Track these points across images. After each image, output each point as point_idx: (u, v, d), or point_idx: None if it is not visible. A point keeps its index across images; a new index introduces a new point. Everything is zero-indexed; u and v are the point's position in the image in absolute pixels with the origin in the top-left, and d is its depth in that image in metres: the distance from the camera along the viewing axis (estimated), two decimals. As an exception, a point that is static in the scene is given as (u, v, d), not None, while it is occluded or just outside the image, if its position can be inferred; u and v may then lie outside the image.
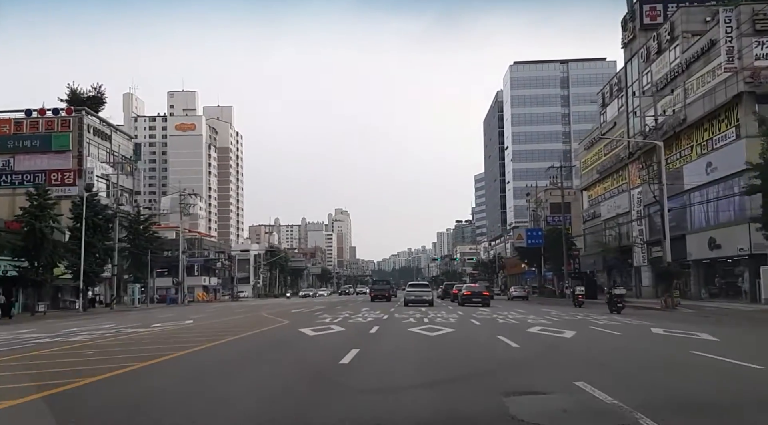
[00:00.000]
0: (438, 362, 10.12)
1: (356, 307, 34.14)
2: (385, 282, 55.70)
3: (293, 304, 43.27)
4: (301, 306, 39.30)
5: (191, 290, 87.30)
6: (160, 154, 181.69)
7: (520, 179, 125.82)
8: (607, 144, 55.61)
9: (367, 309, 31.57)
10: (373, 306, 37.21)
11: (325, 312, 28.32)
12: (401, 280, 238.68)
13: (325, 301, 51.96)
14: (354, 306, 37.18)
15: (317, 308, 34.46)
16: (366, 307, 33.29)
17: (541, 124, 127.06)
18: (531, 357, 11.12)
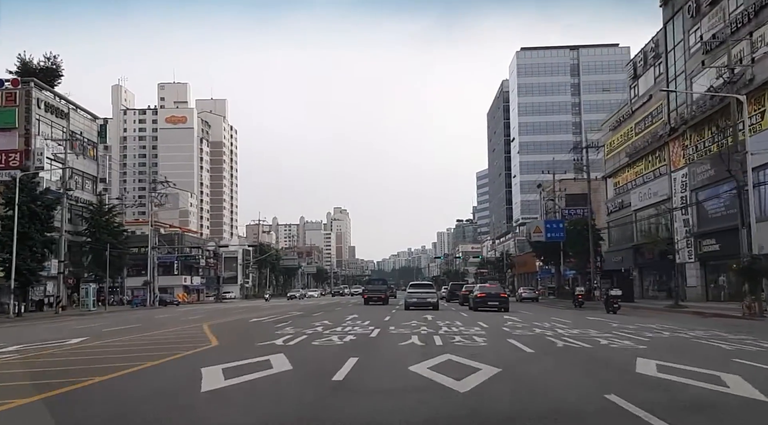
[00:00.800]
0: None
1: (341, 314, 26.51)
2: (382, 282, 47.78)
3: (267, 309, 35.56)
4: (275, 311, 31.57)
5: (169, 291, 79.80)
6: (150, 148, 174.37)
7: (528, 173, 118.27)
8: (639, 121, 47.97)
9: (355, 316, 24.00)
10: (364, 311, 29.65)
11: (294, 322, 20.64)
12: (401, 281, 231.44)
13: (311, 304, 44.01)
14: (340, 312, 29.53)
15: (291, 315, 26.82)
16: (354, 314, 25.66)
17: (550, 114, 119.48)
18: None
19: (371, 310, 31.38)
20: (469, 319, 22.34)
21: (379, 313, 27.38)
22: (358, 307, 36.03)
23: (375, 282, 48.32)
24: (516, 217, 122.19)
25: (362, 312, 28.04)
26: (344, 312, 27.57)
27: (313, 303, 46.88)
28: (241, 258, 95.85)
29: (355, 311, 29.53)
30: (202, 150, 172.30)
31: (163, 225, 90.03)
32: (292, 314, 27.56)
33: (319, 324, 19.15)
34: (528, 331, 16.42)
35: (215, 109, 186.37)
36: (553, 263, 56.39)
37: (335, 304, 42.53)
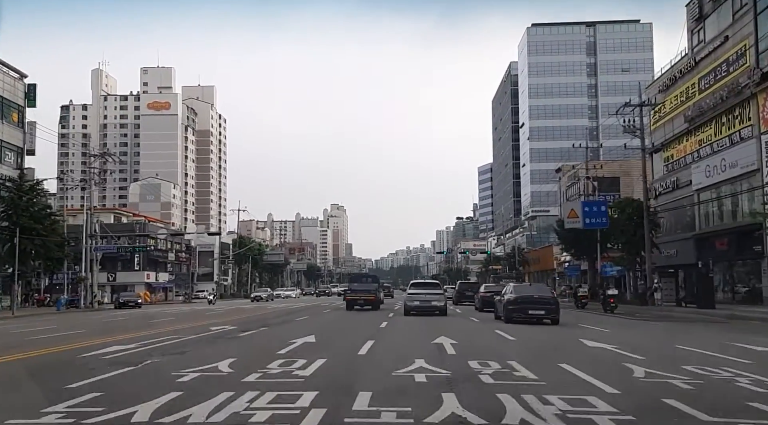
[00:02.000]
0: None
1: (290, 333, 15.12)
2: (370, 279, 35.47)
3: (191, 320, 24.53)
4: (188, 325, 20.34)
5: (130, 289, 68.82)
6: (132, 136, 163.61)
7: (539, 161, 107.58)
8: (707, 73, 37.06)
9: (309, 342, 12.66)
10: (333, 326, 18.65)
11: (155, 366, 9.56)
12: (399, 279, 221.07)
13: (271, 310, 32.05)
14: (293, 327, 18.20)
15: (189, 338, 15.14)
16: (309, 336, 14.21)
17: (564, 97, 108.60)
18: None
19: (349, 323, 20.72)
20: (528, 347, 11.49)
21: (358, 331, 16.62)
22: (331, 316, 25.30)
23: (362, 279, 35.99)
24: (525, 210, 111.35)
25: (329, 330, 17.12)
26: (297, 330, 16.41)
27: (277, 308, 35.02)
28: (218, 253, 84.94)
29: (318, 327, 18.46)
30: (187, 138, 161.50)
31: (125, 214, 79.01)
32: (206, 332, 16.36)
33: (203, 371, 8.26)
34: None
35: (203, 96, 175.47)
36: (585, 257, 45.56)
37: (303, 310, 31.22)
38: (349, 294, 32.98)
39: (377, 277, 38.67)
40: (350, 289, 33.57)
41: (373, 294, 31.91)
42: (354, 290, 32.78)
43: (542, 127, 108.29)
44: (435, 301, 26.00)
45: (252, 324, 19.37)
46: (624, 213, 37.20)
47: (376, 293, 32.52)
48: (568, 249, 46.21)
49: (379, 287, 35.73)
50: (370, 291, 32.19)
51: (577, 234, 43.64)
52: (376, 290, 32.96)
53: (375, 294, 32.15)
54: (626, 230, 36.78)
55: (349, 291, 33.37)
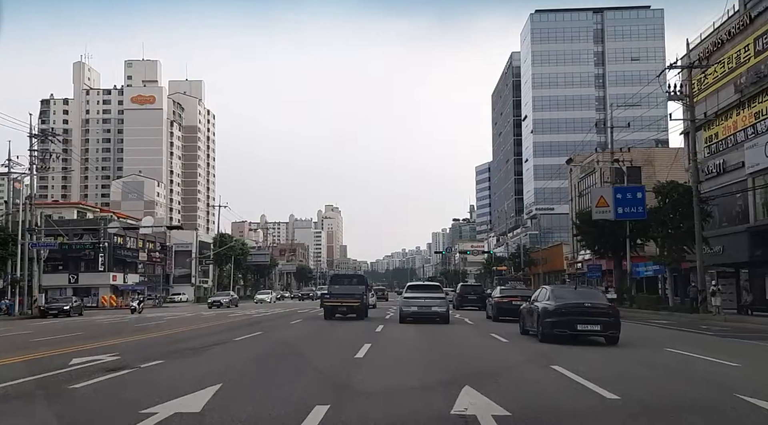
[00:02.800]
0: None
1: (161, 388, 7.89)
2: (356, 280, 28.29)
3: (94, 332, 17.68)
4: (66, 349, 13.31)
5: (94, 292, 61.91)
6: (115, 132, 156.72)
7: (543, 155, 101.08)
8: (766, 32, 30.43)
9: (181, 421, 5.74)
10: (279, 363, 11.35)
11: None
12: (395, 282, 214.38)
13: (213, 324, 22.83)
14: (208, 363, 10.85)
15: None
16: (208, 390, 7.21)
17: (569, 87, 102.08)
18: None
19: (310, 346, 13.88)
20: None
21: (320, 364, 10.12)
22: (294, 331, 18.49)
23: (344, 280, 29.03)
24: (528, 209, 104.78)
25: (266, 365, 10.08)
26: (206, 369, 9.33)
27: (232, 319, 26.49)
28: (196, 252, 77.94)
29: (253, 357, 11.21)
30: (172, 134, 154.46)
31: (91, 209, 71.87)
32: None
33: None
34: None
35: (190, 90, 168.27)
36: (610, 256, 38.79)
37: (263, 322, 23.67)
38: (327, 299, 25.73)
39: (364, 277, 31.24)
40: (329, 293, 26.38)
41: (357, 300, 24.90)
42: (334, 294, 25.83)
43: (546, 120, 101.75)
44: (436, 307, 22.14)
45: (148, 350, 12.39)
46: (667, 200, 30.39)
47: (362, 298, 25.26)
48: (590, 245, 39.44)
49: (366, 290, 27.94)
50: (355, 295, 25.19)
51: (602, 228, 36.94)
52: (362, 294, 25.63)
53: (361, 299, 25.06)
54: (670, 221, 29.99)
55: (328, 295, 26.19)
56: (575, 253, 62.66)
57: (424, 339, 15.32)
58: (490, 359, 11.38)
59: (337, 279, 30.90)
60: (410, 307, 22.34)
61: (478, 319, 25.33)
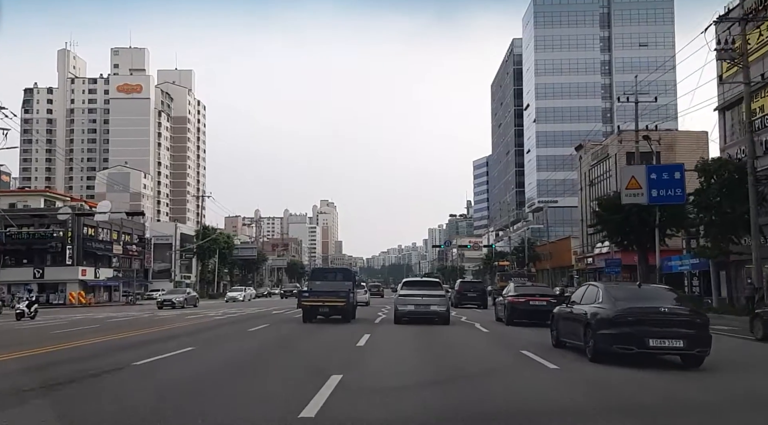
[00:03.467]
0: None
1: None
2: (341, 275, 23.32)
3: None
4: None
5: (61, 288, 56.88)
6: (101, 122, 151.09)
7: (546, 145, 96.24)
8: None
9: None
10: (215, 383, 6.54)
11: None
12: (391, 278, 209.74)
13: (117, 338, 15.00)
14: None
15: None
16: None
17: (574, 74, 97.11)
18: None
19: (256, 373, 8.78)
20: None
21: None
22: (252, 344, 13.50)
23: (327, 275, 24.14)
24: (530, 201, 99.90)
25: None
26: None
27: (178, 325, 20.60)
28: (177, 245, 72.83)
29: (128, 407, 6.48)
30: (160, 124, 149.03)
31: (61, 197, 66.51)
32: None
33: None
34: None
35: (180, 80, 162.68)
36: (636, 248, 33.82)
37: (215, 329, 17.95)
38: (305, 297, 20.98)
39: (351, 271, 26.16)
40: (309, 291, 21.59)
41: (342, 298, 20.36)
42: (315, 292, 21.07)
43: (550, 108, 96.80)
44: (435, 306, 19.66)
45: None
46: (713, 180, 25.39)
47: (347, 296, 20.69)
48: (613, 236, 34.46)
49: (354, 286, 23.37)
50: (339, 293, 20.56)
51: (627, 215, 31.96)
52: (348, 291, 21.01)
53: (346, 298, 20.51)
54: (717, 205, 25.01)
55: (307, 293, 21.39)
56: (585, 247, 57.83)
57: (426, 362, 10.40)
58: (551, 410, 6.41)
59: (318, 273, 25.92)
60: (406, 306, 19.72)
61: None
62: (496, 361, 11.02)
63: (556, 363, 10.08)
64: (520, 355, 11.45)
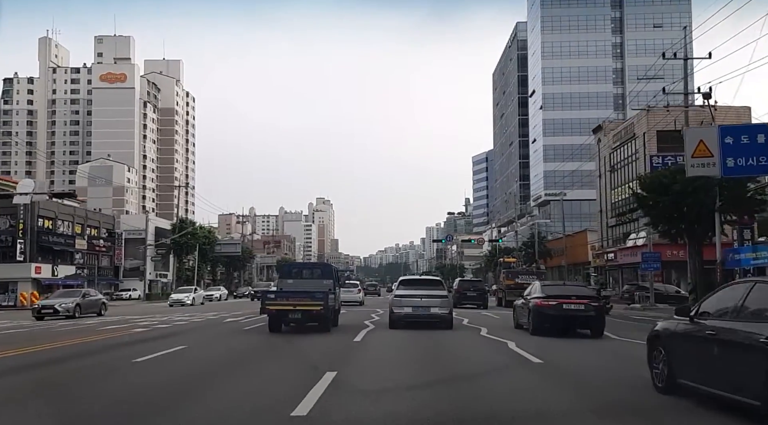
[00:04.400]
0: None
1: None
2: (319, 271, 19.16)
3: None
4: None
5: (11, 287, 50.29)
6: (84, 113, 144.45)
7: (554, 133, 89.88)
8: None
9: None
10: None
11: None
12: (388, 277, 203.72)
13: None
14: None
15: None
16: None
17: (584, 57, 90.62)
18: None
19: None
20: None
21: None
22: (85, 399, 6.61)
23: (304, 271, 19.63)
24: (536, 195, 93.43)
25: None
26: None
27: (27, 351, 13.99)
28: (152, 239, 66.13)
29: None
30: (146, 116, 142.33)
31: (9, 184, 59.48)
32: None
33: None
34: None
35: (168, 71, 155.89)
36: (687, 239, 27.24)
37: (88, 355, 11.79)
38: (271, 300, 16.15)
39: (332, 267, 20.77)
40: (278, 291, 17.46)
41: (319, 301, 15.71)
42: (283, 293, 16.81)
43: (558, 94, 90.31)
44: (436, 307, 17.11)
45: None
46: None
47: (325, 298, 15.92)
48: (659, 224, 27.80)
49: (335, 286, 18.56)
50: (315, 295, 16.03)
51: (678, 197, 25.43)
52: (326, 293, 16.34)
53: (324, 300, 15.78)
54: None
55: (273, 294, 16.75)
56: (605, 241, 51.32)
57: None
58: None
59: (290, 270, 20.30)
60: (403, 308, 17.34)
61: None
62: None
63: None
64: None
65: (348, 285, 36.45)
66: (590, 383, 8.10)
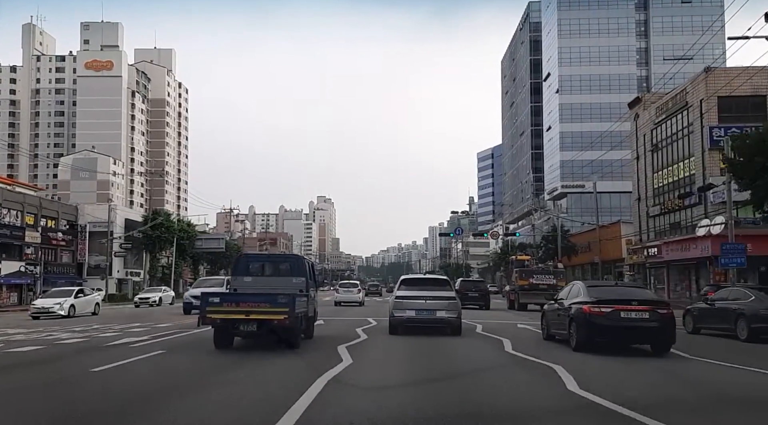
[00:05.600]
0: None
1: None
2: (288, 264, 13.93)
3: None
4: None
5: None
6: (69, 104, 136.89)
7: (572, 120, 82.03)
8: None
9: None
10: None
11: None
12: (390, 277, 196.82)
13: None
14: None
15: None
16: None
17: (605, 35, 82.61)
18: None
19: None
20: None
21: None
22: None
23: (267, 265, 14.48)
24: (551, 187, 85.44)
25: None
26: None
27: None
28: (122, 232, 58.30)
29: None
30: (134, 106, 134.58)
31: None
32: None
33: None
34: None
35: (159, 59, 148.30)
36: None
37: None
38: (213, 307, 11.54)
39: (304, 260, 15.27)
40: (225, 295, 13.21)
41: (282, 308, 11.31)
42: (235, 296, 12.51)
43: (576, 76, 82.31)
44: (442, 311, 15.05)
45: None
46: None
47: (290, 303, 11.38)
48: (763, 197, 19.84)
49: (308, 286, 14.12)
50: (277, 299, 11.48)
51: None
52: (293, 297, 11.67)
53: (289, 307, 11.32)
54: None
55: (218, 299, 11.79)
56: (646, 233, 43.24)
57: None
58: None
59: (249, 264, 14.91)
60: (405, 311, 15.15)
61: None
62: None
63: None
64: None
65: (348, 285, 36.52)
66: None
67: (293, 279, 13.87)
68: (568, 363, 9.72)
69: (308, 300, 13.49)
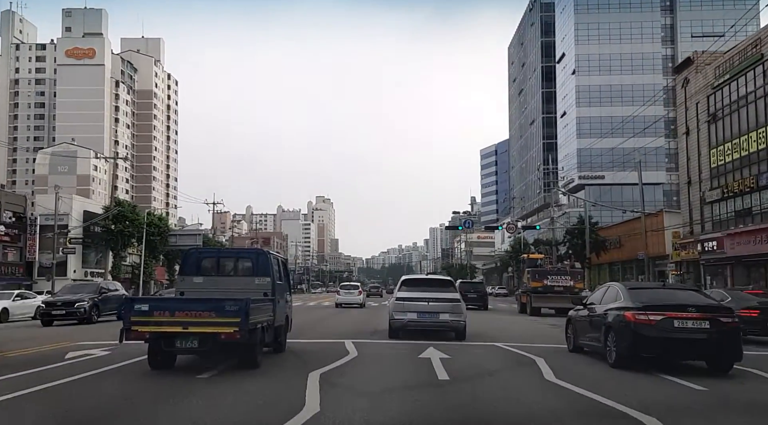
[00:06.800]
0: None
1: None
2: (249, 261, 10.73)
3: None
4: None
5: None
6: (50, 94, 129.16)
7: (590, 103, 74.58)
8: None
9: None
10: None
11: None
12: (390, 279, 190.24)
13: None
14: None
15: None
16: None
17: (626, 10, 75.08)
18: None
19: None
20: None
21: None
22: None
23: (225, 262, 10.73)
24: (567, 178, 77.65)
25: None
26: None
27: None
28: (56, 228, 50.49)
29: None
30: (118, 96, 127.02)
31: None
32: None
33: None
34: None
35: (147, 50, 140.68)
36: None
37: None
38: (142, 316, 8.60)
39: (270, 258, 10.98)
40: (155, 301, 9.54)
41: (232, 318, 8.31)
42: (167, 303, 9.12)
43: (594, 55, 74.61)
44: (446, 314, 14.36)
45: None
46: None
47: (242, 312, 8.27)
48: None
49: (275, 288, 10.73)
50: (225, 307, 8.41)
51: None
52: (245, 303, 8.37)
53: (239, 318, 8.30)
54: None
55: (146, 307, 8.64)
56: (700, 225, 35.39)
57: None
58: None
59: (200, 261, 11.34)
60: (406, 313, 14.44)
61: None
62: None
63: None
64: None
65: (349, 287, 36.88)
66: None
67: (256, 279, 11.03)
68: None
69: (275, 305, 10.57)
